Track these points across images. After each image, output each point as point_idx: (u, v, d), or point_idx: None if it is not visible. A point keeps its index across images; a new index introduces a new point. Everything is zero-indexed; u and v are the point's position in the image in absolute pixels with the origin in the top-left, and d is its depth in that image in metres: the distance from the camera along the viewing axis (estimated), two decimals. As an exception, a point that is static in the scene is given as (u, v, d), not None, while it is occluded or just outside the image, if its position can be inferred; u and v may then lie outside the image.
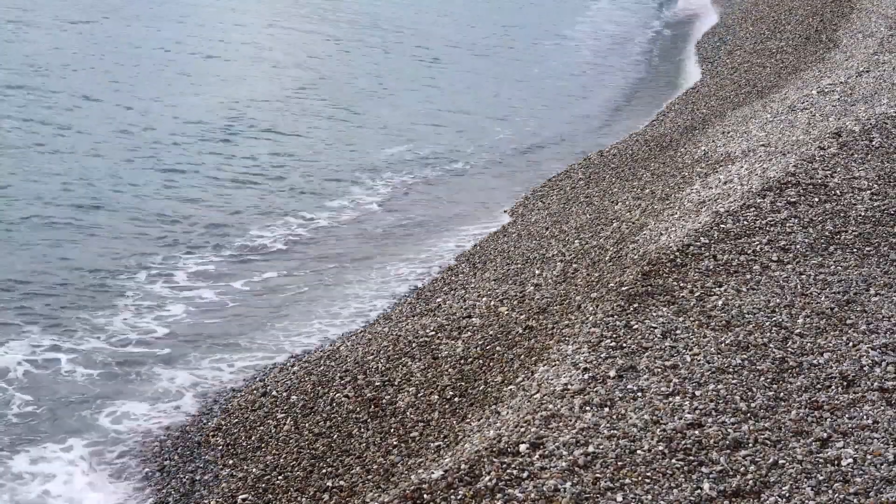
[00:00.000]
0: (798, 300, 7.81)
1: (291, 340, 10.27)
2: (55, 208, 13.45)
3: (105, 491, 8.08)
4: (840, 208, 9.55)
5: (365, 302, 11.10)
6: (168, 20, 25.10)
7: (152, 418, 8.96)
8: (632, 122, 19.08)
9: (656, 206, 11.05)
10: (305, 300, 11.34)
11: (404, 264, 12.21)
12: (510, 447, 6.04)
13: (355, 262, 12.44)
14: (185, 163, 15.68)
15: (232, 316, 11.01)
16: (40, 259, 11.97)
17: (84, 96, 18.24)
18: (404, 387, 8.20)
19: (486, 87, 22.11)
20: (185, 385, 9.51)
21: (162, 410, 9.10)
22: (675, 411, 6.30)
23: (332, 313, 10.87)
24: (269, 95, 19.76)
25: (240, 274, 12.05)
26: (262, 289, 11.71)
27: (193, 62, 21.78)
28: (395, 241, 13.24)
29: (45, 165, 14.84)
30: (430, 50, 24.95)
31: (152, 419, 8.94)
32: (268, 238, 13.18)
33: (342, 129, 18.26)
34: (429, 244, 12.96)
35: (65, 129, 16.54)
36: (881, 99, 13.45)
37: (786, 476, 5.72)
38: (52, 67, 19.74)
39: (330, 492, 7.08)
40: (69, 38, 22.40)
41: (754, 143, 12.71)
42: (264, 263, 12.40)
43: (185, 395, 9.32)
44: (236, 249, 12.79)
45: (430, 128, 18.79)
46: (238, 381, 9.50)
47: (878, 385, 6.61)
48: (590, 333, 7.43)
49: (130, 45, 22.40)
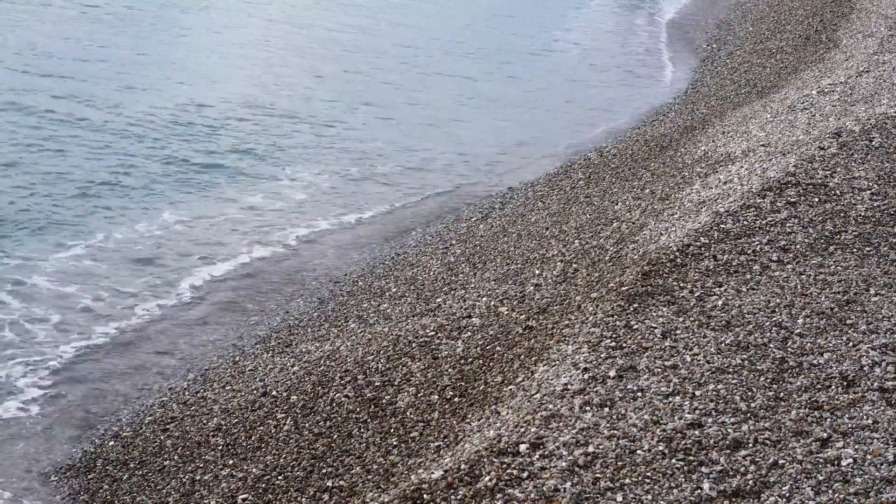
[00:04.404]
0: (798, 300, 7.81)
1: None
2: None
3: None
4: (840, 208, 9.55)
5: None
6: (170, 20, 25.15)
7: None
8: (629, 122, 19.11)
9: (656, 206, 11.05)
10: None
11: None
12: (510, 447, 6.04)
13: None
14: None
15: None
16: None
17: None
18: (404, 387, 8.20)
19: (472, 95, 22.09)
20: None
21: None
22: (675, 411, 6.31)
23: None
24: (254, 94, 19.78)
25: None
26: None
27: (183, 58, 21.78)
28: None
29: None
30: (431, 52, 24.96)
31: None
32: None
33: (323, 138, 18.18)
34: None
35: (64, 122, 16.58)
36: (881, 99, 13.45)
37: (786, 476, 5.72)
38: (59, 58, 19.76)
39: (330, 492, 7.08)
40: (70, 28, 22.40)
41: (754, 143, 12.71)
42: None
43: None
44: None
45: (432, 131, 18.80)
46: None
47: (878, 385, 6.61)
48: (590, 333, 7.43)
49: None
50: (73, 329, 10.74)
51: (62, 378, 9.87)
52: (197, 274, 12.31)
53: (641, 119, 19.10)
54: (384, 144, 17.69)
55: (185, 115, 17.86)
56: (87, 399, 9.54)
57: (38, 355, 10.13)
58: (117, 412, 9.34)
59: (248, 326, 11.01)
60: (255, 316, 11.33)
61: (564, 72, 24.06)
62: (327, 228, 14.09)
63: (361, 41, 25.23)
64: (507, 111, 20.49)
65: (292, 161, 16.46)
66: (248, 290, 12.03)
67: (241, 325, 11.08)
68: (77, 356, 10.25)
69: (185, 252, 12.85)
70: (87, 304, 11.28)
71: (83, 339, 10.56)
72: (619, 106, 21.13)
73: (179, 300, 11.67)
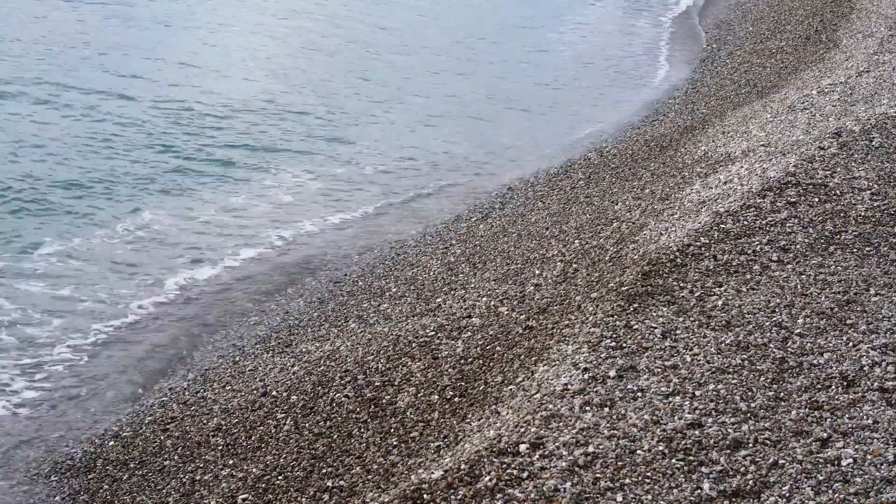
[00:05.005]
0: (798, 300, 7.82)
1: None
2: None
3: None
4: (840, 208, 9.55)
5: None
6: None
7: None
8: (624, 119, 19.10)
9: (656, 206, 11.05)
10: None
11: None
12: (510, 447, 6.04)
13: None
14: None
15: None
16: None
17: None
18: (404, 387, 8.20)
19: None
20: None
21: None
22: (675, 411, 6.31)
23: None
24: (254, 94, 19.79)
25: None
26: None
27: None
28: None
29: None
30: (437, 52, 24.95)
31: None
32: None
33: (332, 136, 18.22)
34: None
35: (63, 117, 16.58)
36: (881, 99, 13.44)
37: (786, 476, 5.72)
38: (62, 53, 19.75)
39: (330, 492, 7.08)
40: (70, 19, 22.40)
41: (754, 143, 12.71)
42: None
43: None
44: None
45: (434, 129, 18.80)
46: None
47: (878, 385, 6.61)
48: (590, 333, 7.43)
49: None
50: (69, 329, 10.74)
51: (62, 378, 9.87)
52: (195, 273, 12.32)
53: (629, 122, 19.06)
54: (382, 144, 17.70)
55: (185, 113, 17.86)
56: (86, 399, 9.55)
57: (34, 356, 10.14)
58: (117, 412, 9.35)
59: (248, 326, 11.01)
60: (254, 316, 11.33)
61: (557, 72, 23.96)
62: (328, 229, 14.10)
63: (355, 39, 25.22)
64: (492, 112, 20.41)
65: (291, 160, 16.47)
66: (248, 289, 12.03)
67: (240, 325, 11.08)
68: (76, 356, 10.26)
69: (182, 251, 12.85)
70: (83, 304, 11.28)
71: (80, 340, 10.57)
72: (606, 106, 21.06)
73: (177, 300, 11.67)
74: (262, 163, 16.14)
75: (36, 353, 10.22)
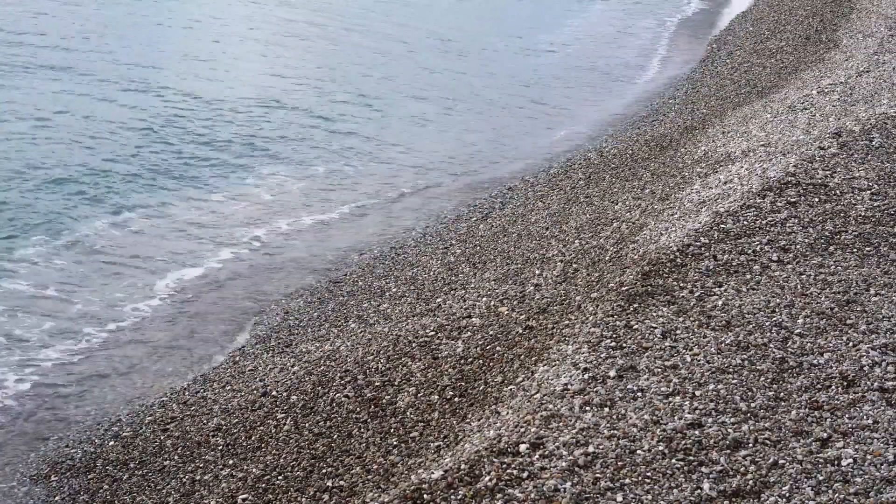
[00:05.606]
0: (798, 300, 7.81)
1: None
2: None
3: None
4: (840, 208, 9.54)
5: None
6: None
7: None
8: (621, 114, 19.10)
9: (656, 206, 11.05)
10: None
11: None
12: (510, 447, 6.04)
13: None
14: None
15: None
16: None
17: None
18: (404, 387, 8.20)
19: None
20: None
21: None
22: (675, 411, 6.30)
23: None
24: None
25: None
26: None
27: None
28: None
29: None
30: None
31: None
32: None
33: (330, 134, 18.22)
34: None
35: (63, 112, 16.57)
36: (881, 99, 13.44)
37: (786, 476, 5.72)
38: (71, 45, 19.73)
39: (330, 492, 7.08)
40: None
41: (754, 143, 12.71)
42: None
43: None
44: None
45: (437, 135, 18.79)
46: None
47: (878, 385, 6.61)
48: (590, 333, 7.43)
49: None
50: (66, 330, 10.74)
51: (61, 378, 9.87)
52: (194, 273, 12.31)
53: (609, 123, 19.07)
54: (382, 144, 17.69)
55: (183, 111, 17.87)
56: (86, 399, 9.54)
57: (33, 357, 10.13)
58: (117, 412, 9.34)
59: (248, 326, 11.01)
60: (254, 315, 11.33)
61: (547, 72, 23.91)
62: (326, 227, 14.09)
63: (347, 38, 25.22)
64: (492, 111, 20.40)
65: (288, 159, 16.47)
66: (247, 289, 12.03)
67: (240, 325, 11.08)
68: (74, 356, 10.26)
69: (178, 251, 12.85)
70: (79, 305, 11.27)
71: (78, 340, 10.57)
72: (588, 107, 21.06)
73: (173, 299, 11.66)
74: (253, 163, 16.12)
75: (32, 354, 10.21)
